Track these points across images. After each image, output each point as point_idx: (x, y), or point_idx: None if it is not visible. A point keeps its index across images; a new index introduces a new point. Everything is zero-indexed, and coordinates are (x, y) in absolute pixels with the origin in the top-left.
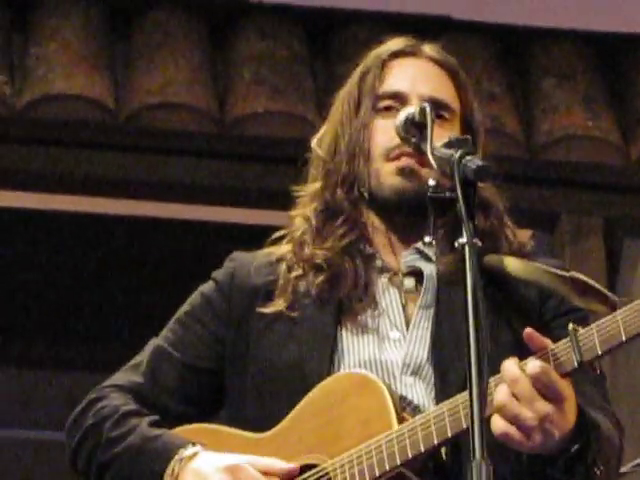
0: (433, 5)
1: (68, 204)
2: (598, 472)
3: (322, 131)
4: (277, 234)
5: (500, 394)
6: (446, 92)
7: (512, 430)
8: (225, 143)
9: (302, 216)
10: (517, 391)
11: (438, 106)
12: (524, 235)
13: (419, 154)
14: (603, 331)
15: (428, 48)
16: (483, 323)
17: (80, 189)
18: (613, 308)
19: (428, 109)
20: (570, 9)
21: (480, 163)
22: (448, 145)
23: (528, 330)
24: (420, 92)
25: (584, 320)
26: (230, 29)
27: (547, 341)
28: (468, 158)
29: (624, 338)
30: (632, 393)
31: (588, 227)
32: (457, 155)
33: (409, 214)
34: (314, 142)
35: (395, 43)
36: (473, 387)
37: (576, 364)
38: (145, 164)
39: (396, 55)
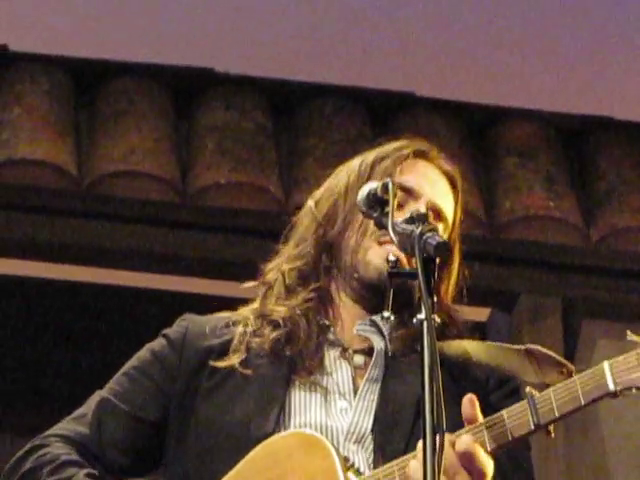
0: (398, 81)
1: (26, 269)
2: None
3: (320, 193)
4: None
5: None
6: (449, 206)
7: None
8: (186, 213)
9: (277, 268)
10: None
11: (439, 217)
12: (482, 313)
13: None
14: (561, 395)
15: (442, 158)
16: (439, 399)
17: (40, 255)
18: (570, 377)
19: (390, 185)
20: (534, 90)
21: (440, 239)
22: (409, 221)
23: (469, 396)
24: (429, 197)
25: (517, 390)
26: (195, 98)
27: (479, 417)
28: (429, 234)
29: (583, 402)
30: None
31: (547, 307)
32: (418, 231)
33: (380, 296)
34: (311, 200)
35: (414, 143)
36: (427, 461)
37: (532, 426)
38: (106, 232)
39: (415, 154)
